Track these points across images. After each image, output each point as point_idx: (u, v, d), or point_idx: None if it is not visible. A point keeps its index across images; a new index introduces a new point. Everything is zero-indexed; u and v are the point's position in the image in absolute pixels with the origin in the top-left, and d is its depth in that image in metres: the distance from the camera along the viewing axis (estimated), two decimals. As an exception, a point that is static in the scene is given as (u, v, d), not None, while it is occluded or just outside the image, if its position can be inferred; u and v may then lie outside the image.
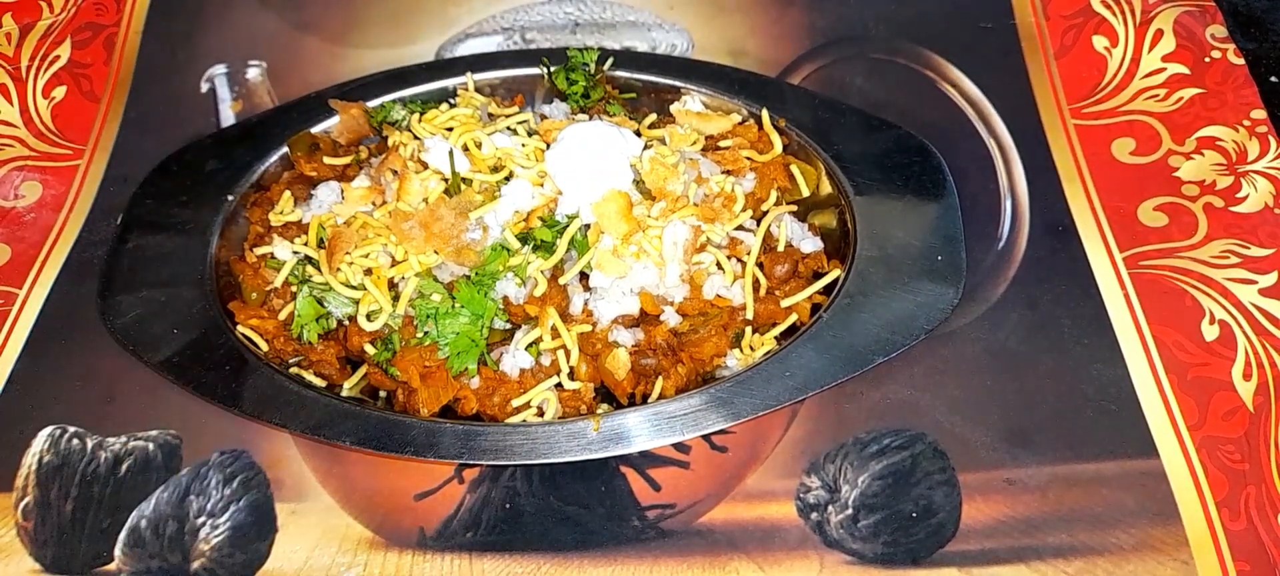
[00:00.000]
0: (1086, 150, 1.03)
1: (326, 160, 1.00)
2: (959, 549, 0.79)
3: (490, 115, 1.02)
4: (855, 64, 1.14)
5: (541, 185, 0.91)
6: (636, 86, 1.06)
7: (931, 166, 0.96)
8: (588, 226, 0.89)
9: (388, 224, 0.90)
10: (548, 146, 0.94)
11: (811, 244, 0.94)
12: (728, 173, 0.96)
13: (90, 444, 0.88)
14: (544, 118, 1.01)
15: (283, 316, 0.91)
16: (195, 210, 0.97)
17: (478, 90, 1.06)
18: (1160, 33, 1.10)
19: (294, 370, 0.89)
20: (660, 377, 0.86)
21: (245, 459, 0.87)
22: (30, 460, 0.87)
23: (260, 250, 0.94)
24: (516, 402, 0.85)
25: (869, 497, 0.82)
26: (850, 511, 0.82)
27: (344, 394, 0.88)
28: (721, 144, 1.00)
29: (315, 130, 1.04)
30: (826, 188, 0.97)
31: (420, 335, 0.86)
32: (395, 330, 0.88)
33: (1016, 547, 0.79)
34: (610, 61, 1.07)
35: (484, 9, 1.23)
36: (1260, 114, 1.02)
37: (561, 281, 0.88)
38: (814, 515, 0.82)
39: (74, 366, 0.93)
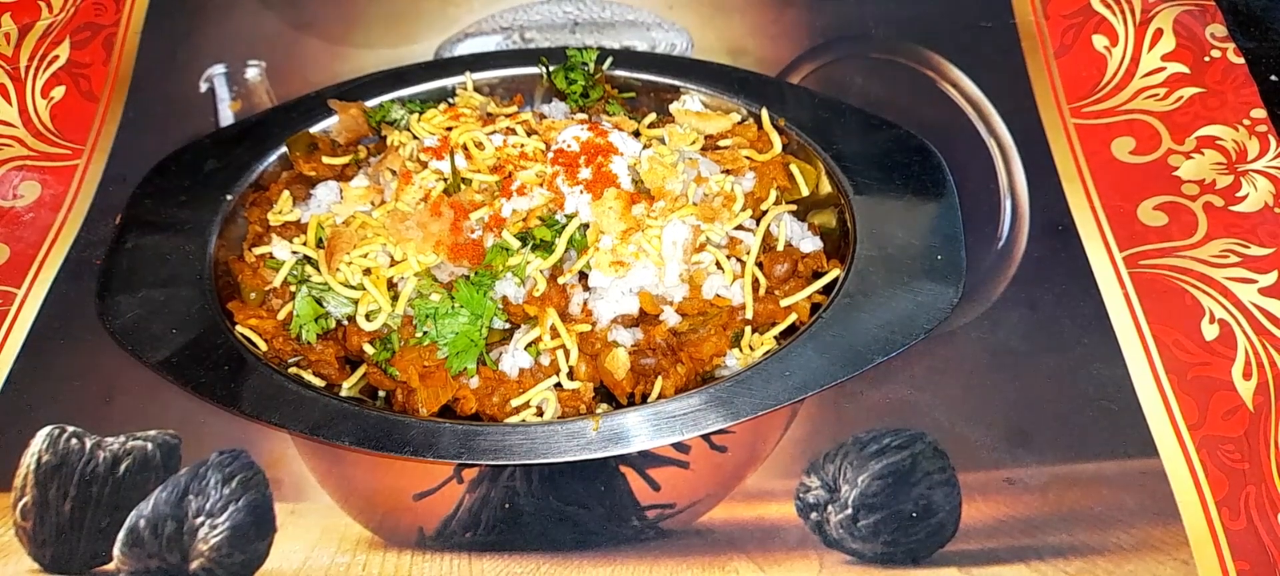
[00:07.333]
0: (1086, 149, 1.03)
1: (325, 160, 1.00)
2: (959, 548, 0.79)
3: (489, 114, 1.02)
4: (855, 64, 1.14)
5: (541, 185, 0.91)
6: (636, 86, 1.06)
7: (931, 166, 0.96)
8: (587, 226, 0.89)
9: (386, 224, 0.90)
10: (547, 146, 0.94)
11: (811, 243, 0.93)
12: (727, 172, 0.96)
13: (89, 443, 0.88)
14: (543, 117, 1.01)
15: (282, 316, 0.91)
16: (194, 210, 0.97)
17: (477, 90, 1.06)
18: (1160, 32, 1.10)
19: (293, 370, 0.89)
20: (660, 377, 0.86)
21: (244, 459, 0.87)
22: (29, 460, 0.87)
23: (259, 250, 0.94)
24: (516, 402, 0.85)
25: (869, 497, 0.82)
26: (850, 511, 0.82)
27: (343, 394, 0.88)
28: (721, 143, 1.00)
29: (314, 130, 1.04)
30: (826, 187, 0.97)
31: (419, 335, 0.86)
32: (394, 330, 0.88)
33: (1016, 547, 0.79)
34: (609, 61, 1.06)
35: (483, 8, 1.23)
36: (1260, 113, 1.02)
37: (561, 281, 0.88)
38: (814, 515, 0.82)
39: (73, 366, 0.93)
